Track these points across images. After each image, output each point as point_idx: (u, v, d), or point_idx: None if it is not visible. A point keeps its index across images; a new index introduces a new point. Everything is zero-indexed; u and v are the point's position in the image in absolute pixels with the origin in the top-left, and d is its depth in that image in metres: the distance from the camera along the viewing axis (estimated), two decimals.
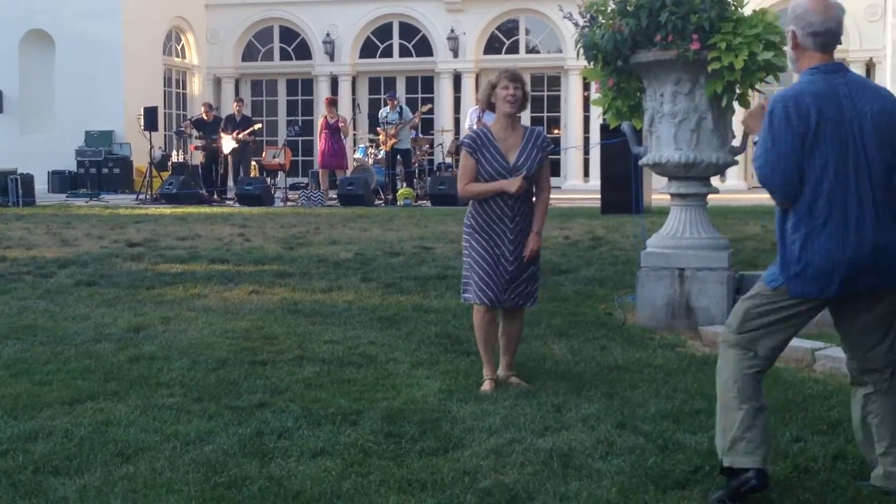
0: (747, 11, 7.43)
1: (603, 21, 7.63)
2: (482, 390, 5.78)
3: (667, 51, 7.33)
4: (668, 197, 8.09)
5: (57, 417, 5.25)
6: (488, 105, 5.99)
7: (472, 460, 4.54)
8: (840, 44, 4.22)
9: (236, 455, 4.64)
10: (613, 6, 7.62)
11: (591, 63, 7.85)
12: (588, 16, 7.74)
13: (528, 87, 6.04)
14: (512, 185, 5.76)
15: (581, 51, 7.82)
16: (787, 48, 4.29)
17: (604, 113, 8.24)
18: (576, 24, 7.95)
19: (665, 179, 8.04)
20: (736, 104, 7.63)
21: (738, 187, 24.04)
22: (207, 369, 6.22)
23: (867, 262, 3.94)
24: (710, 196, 7.98)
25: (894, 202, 3.99)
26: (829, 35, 4.08)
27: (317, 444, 4.77)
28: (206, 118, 22.76)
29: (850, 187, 3.93)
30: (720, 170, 7.95)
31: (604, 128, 16.74)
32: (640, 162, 8.10)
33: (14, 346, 6.87)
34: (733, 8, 7.37)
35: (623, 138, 8.47)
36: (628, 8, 7.46)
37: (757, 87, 7.55)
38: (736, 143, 7.88)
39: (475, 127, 20.03)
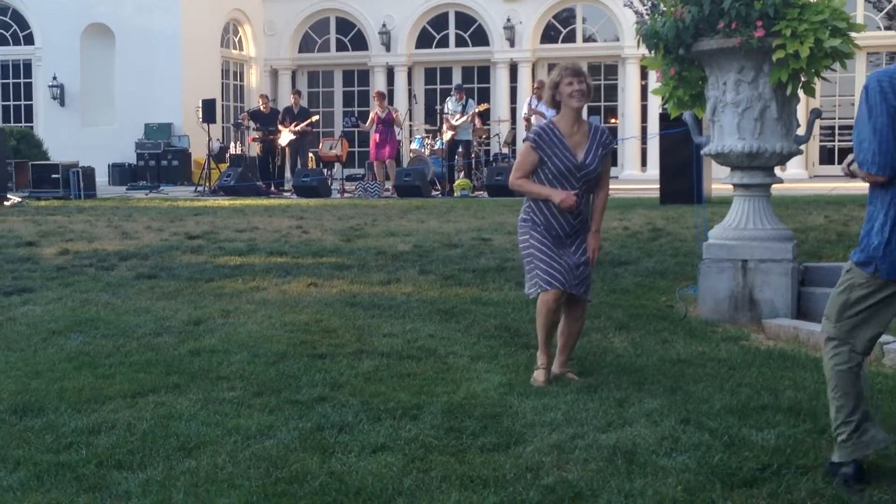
0: None
1: (664, 9, 7.52)
2: (533, 380, 5.76)
3: (730, 38, 7.20)
4: (729, 186, 7.97)
5: (119, 411, 5.27)
6: (553, 104, 5.88)
7: (534, 456, 4.49)
8: None
9: (297, 450, 4.62)
10: None
11: (652, 52, 7.74)
12: (649, 4, 7.63)
13: (590, 80, 5.91)
14: (557, 195, 5.71)
15: (641, 39, 7.71)
16: None
17: (665, 102, 8.12)
18: (636, 13, 7.84)
19: (727, 169, 7.92)
20: (801, 92, 7.48)
21: (799, 176, 23.69)
22: (267, 363, 6.22)
23: None
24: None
25: None
26: None
27: (377, 439, 4.74)
28: (263, 110, 22.89)
29: None
30: (784, 159, 7.80)
31: (663, 117, 16.57)
32: (703, 152, 7.98)
33: (77, 338, 6.92)
34: None
35: (684, 128, 8.34)
36: None
37: (823, 74, 7.41)
38: (800, 131, 7.74)
39: (529, 116, 20.16)
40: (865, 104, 4.04)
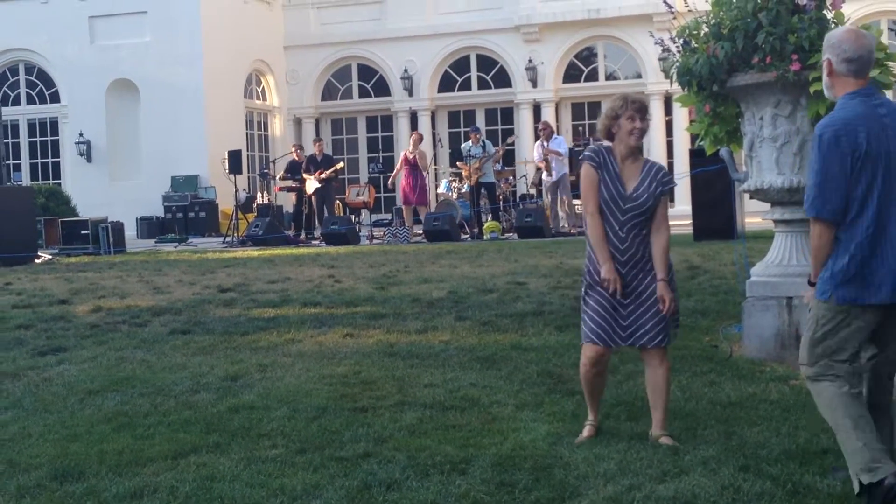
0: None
1: (696, 45, 7.43)
2: (582, 436, 5.44)
3: (765, 73, 7.09)
4: (764, 221, 7.83)
5: (161, 473, 5.16)
6: (607, 135, 5.46)
7: None
8: (871, 71, 4.50)
9: None
10: (707, 30, 7.42)
11: (685, 89, 7.64)
12: (681, 41, 7.54)
13: (650, 117, 5.57)
14: (606, 271, 5.31)
15: (674, 76, 7.61)
16: (824, 79, 4.49)
17: (700, 140, 8.00)
18: (667, 50, 7.75)
19: (759, 203, 7.79)
20: None
21: None
22: (308, 418, 6.10)
23: None
24: None
25: None
26: (861, 62, 4.36)
27: (427, 496, 4.61)
28: (297, 158, 22.96)
29: (894, 204, 4.25)
30: None
31: (693, 153, 16.46)
32: (741, 188, 7.85)
33: (114, 398, 6.83)
34: (833, 25, 7.11)
35: (721, 165, 8.22)
36: (722, 31, 7.24)
37: None
38: None
39: (546, 157, 20.09)
40: (818, 155, 4.25)
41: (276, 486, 4.84)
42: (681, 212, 21.00)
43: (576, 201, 20.91)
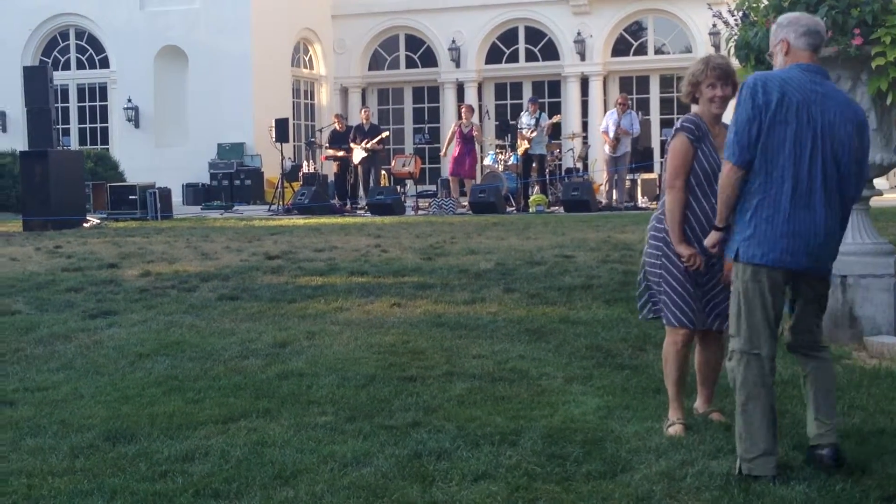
0: None
1: (755, 19, 7.30)
2: (670, 434, 5.01)
3: (826, 48, 6.94)
4: None
5: (212, 437, 5.18)
6: (692, 99, 5.22)
7: (643, 484, 4.31)
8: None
9: (396, 478, 4.49)
10: (767, 2, 7.29)
11: (743, 63, 7.52)
12: (740, 13, 7.42)
13: (737, 79, 5.17)
14: (686, 249, 5.03)
15: (731, 50, 7.50)
16: (779, 59, 4.55)
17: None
18: (726, 23, 7.64)
19: None
20: None
21: (880, 187, 23.10)
22: (357, 386, 6.11)
23: (815, 239, 4.34)
24: None
25: (838, 203, 4.39)
26: (818, 35, 4.50)
27: (478, 466, 4.59)
28: (339, 128, 22.94)
29: (804, 166, 4.31)
30: (884, 171, 7.56)
31: None
32: None
33: (164, 362, 6.88)
34: None
35: None
36: (783, 4, 7.12)
37: None
38: None
39: (618, 135, 19.89)
40: (737, 103, 4.42)
41: (327, 453, 4.84)
42: None
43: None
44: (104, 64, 29.58)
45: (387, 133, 23.41)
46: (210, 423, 5.43)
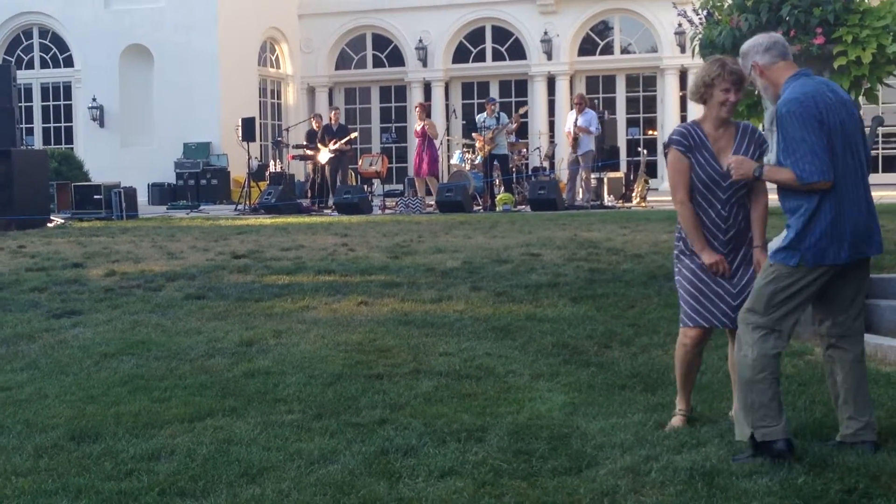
0: (875, 2, 7.12)
1: (720, 17, 7.38)
2: (671, 424, 5.08)
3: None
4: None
5: (178, 435, 5.17)
6: (699, 99, 5.10)
7: (608, 479, 4.34)
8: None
9: (362, 475, 4.50)
10: (731, 1, 7.37)
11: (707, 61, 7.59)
12: (704, 12, 7.50)
13: (747, 83, 5.08)
14: (708, 256, 5.02)
15: (696, 48, 7.58)
16: (759, 83, 4.78)
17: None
18: (690, 22, 7.71)
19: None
20: (863, 99, 7.31)
21: None
22: (324, 384, 6.11)
23: (866, 230, 4.58)
24: None
25: (868, 190, 4.67)
26: (780, 45, 4.73)
27: (444, 462, 4.61)
28: (315, 128, 22.93)
29: (850, 166, 4.55)
30: None
31: None
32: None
33: (130, 361, 6.85)
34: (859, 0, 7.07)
35: None
36: (747, 3, 7.21)
37: (885, 81, 7.24)
38: None
39: (576, 134, 19.99)
40: (802, 130, 4.48)
41: (293, 451, 4.85)
42: None
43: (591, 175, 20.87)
44: (68, 63, 29.36)
45: (356, 134, 23.38)
46: (176, 421, 5.42)
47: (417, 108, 22.41)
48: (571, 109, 21.44)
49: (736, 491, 4.14)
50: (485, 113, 21.17)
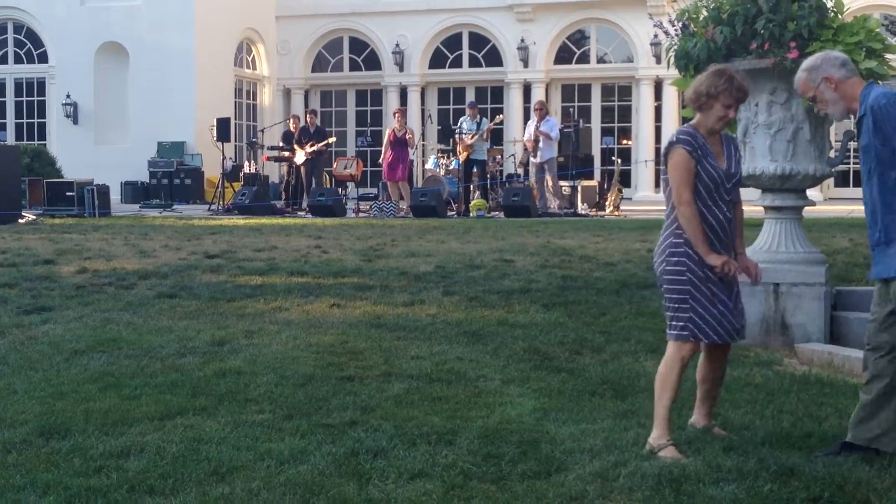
0: (848, 18, 7.20)
1: (695, 29, 7.43)
2: (671, 457, 4.69)
3: (763, 59, 7.12)
4: (755, 208, 7.86)
5: (148, 433, 5.16)
6: (697, 106, 4.99)
7: (577, 484, 4.37)
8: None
9: (332, 475, 4.51)
10: (706, 14, 7.43)
11: (682, 73, 7.65)
12: (680, 24, 7.55)
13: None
14: (716, 259, 4.84)
15: (671, 60, 7.63)
16: (828, 95, 4.78)
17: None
18: (666, 33, 7.76)
19: (752, 191, 7.82)
20: None
21: (813, 198, 23.53)
22: (295, 385, 6.11)
23: None
24: None
25: None
26: (851, 63, 4.89)
27: (414, 465, 4.62)
28: (293, 130, 22.92)
29: None
30: (817, 181, 7.71)
31: None
32: None
33: (100, 359, 6.82)
34: (833, 15, 7.14)
35: None
36: (722, 15, 7.26)
37: None
38: (833, 153, 7.64)
39: (536, 138, 20.08)
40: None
41: (264, 450, 4.85)
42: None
43: (562, 182, 20.96)
44: (43, 59, 29.20)
45: (333, 139, 23.36)
46: (146, 419, 5.40)
47: (398, 114, 22.35)
48: (529, 119, 21.61)
49: (703, 497, 4.18)
50: (467, 116, 21.22)
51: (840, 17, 7.17)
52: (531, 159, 20.74)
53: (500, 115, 24.10)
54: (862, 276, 8.98)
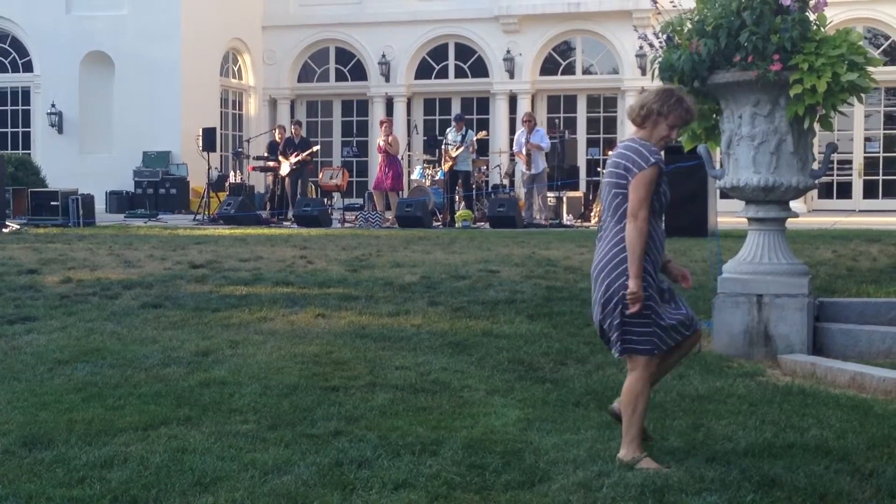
0: (831, 31, 7.24)
1: (680, 41, 7.47)
2: (653, 468, 4.68)
3: (746, 72, 7.15)
4: (735, 219, 7.91)
5: (131, 444, 5.15)
6: (640, 121, 4.97)
7: (560, 494, 4.38)
8: None
9: (316, 486, 4.51)
10: (690, 26, 7.46)
11: (666, 84, 7.68)
12: (664, 36, 7.58)
13: None
14: (636, 284, 4.77)
15: (656, 71, 7.66)
16: None
17: (678, 135, 8.05)
18: (651, 45, 7.79)
19: (732, 201, 7.86)
20: (817, 126, 7.43)
21: (797, 210, 23.64)
22: (279, 395, 6.11)
23: None
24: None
25: None
26: None
27: (398, 475, 4.63)
28: (278, 140, 22.96)
29: None
30: (800, 193, 7.75)
31: (670, 149, 16.51)
32: (717, 185, 7.92)
33: (84, 368, 6.81)
34: (815, 28, 7.18)
35: (695, 161, 8.28)
36: (706, 28, 7.29)
37: (840, 108, 7.36)
38: (816, 165, 7.69)
39: (528, 150, 20.17)
40: None
41: (248, 461, 4.84)
42: None
43: (549, 194, 21.01)
44: (28, 68, 29.12)
45: (317, 148, 23.40)
46: (130, 429, 5.39)
47: (385, 123, 22.42)
48: (520, 128, 21.66)
49: None
50: (453, 128, 21.28)
51: (823, 30, 7.21)
52: (525, 171, 20.80)
53: (485, 132, 24.14)
54: (846, 288, 9.03)
